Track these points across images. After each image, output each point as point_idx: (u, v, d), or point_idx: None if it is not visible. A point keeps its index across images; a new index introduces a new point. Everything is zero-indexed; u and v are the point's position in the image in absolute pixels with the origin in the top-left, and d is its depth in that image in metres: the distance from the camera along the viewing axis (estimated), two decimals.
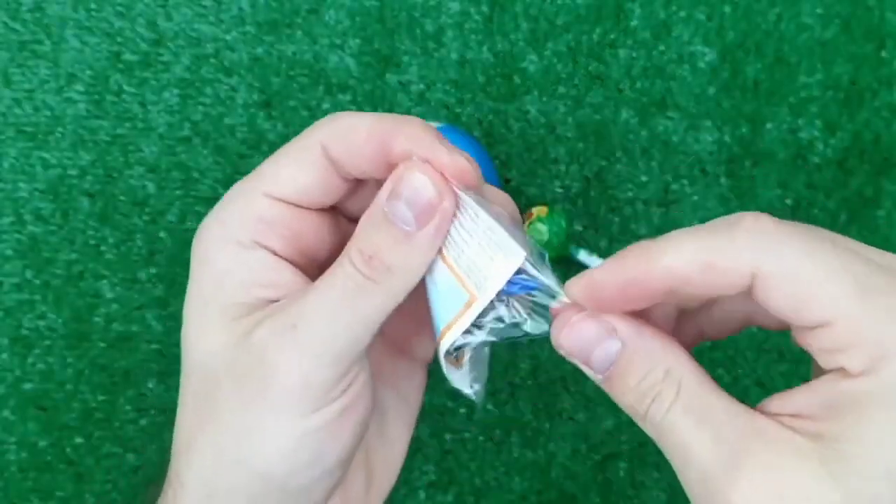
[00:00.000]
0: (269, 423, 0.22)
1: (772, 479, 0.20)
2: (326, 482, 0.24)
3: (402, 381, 0.28)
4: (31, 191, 0.49)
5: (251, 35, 0.49)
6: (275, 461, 0.22)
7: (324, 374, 0.22)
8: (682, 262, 0.21)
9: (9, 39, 0.49)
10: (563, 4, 0.49)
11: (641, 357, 0.22)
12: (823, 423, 0.20)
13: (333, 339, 0.22)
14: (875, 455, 0.19)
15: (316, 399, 0.22)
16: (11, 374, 0.47)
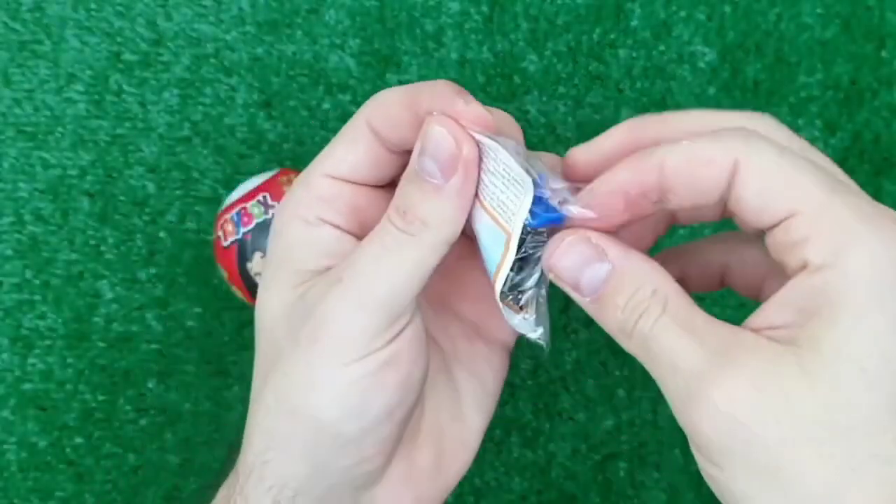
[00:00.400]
0: (318, 372, 0.24)
1: (752, 380, 0.20)
2: (376, 435, 0.25)
3: (480, 365, 0.28)
4: (31, 191, 0.49)
5: (251, 35, 0.49)
6: (323, 408, 0.24)
7: (366, 322, 0.24)
8: (673, 155, 0.22)
9: (9, 39, 0.49)
10: (563, 4, 0.49)
11: (630, 277, 0.23)
12: (798, 329, 0.21)
13: (375, 289, 0.24)
14: (846, 354, 0.20)
15: (359, 347, 0.24)
16: (11, 373, 0.47)
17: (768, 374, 0.20)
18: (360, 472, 0.26)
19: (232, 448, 0.28)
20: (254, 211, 0.42)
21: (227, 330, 0.48)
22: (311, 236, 0.26)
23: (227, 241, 0.42)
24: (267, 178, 0.43)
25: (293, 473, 0.25)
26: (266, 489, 0.25)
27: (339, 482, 0.26)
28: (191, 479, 0.47)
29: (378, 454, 0.25)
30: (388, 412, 0.25)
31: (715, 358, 0.21)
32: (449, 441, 0.28)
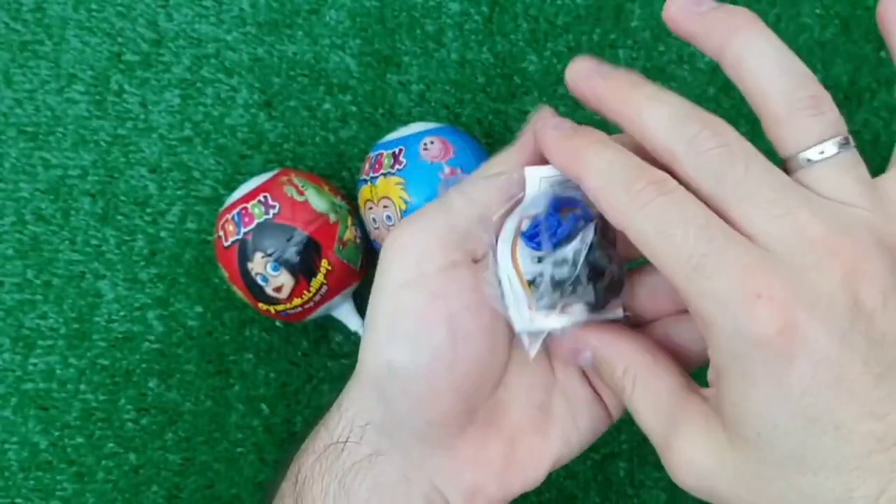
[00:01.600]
0: (381, 295, 0.27)
1: (691, 447, 0.24)
2: (426, 374, 0.26)
3: (580, 405, 0.30)
4: (33, 191, 0.49)
5: (252, 35, 0.49)
6: (379, 330, 0.27)
7: (418, 239, 0.26)
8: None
9: (10, 40, 0.49)
10: (563, 5, 0.49)
11: (606, 361, 0.27)
12: (714, 393, 0.24)
13: (433, 213, 0.27)
14: (744, 421, 0.22)
15: (411, 264, 0.26)
16: (12, 373, 0.48)
17: (701, 441, 0.24)
18: (424, 421, 0.27)
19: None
20: (255, 211, 0.42)
21: (228, 329, 0.48)
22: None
23: (229, 240, 0.42)
24: (268, 178, 0.43)
25: (365, 403, 0.28)
26: (343, 416, 0.28)
27: (403, 423, 0.27)
28: (192, 479, 0.47)
29: (430, 399, 0.27)
30: (436, 353, 0.26)
31: (668, 430, 0.25)
32: (522, 449, 0.29)
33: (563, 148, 0.25)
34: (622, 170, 0.24)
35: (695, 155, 0.23)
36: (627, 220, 0.23)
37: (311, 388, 0.47)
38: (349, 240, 0.44)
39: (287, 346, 0.48)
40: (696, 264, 0.22)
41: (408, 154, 0.42)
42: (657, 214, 0.23)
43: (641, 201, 0.23)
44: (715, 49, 0.26)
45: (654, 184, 0.23)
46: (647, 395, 0.26)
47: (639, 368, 0.27)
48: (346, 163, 0.49)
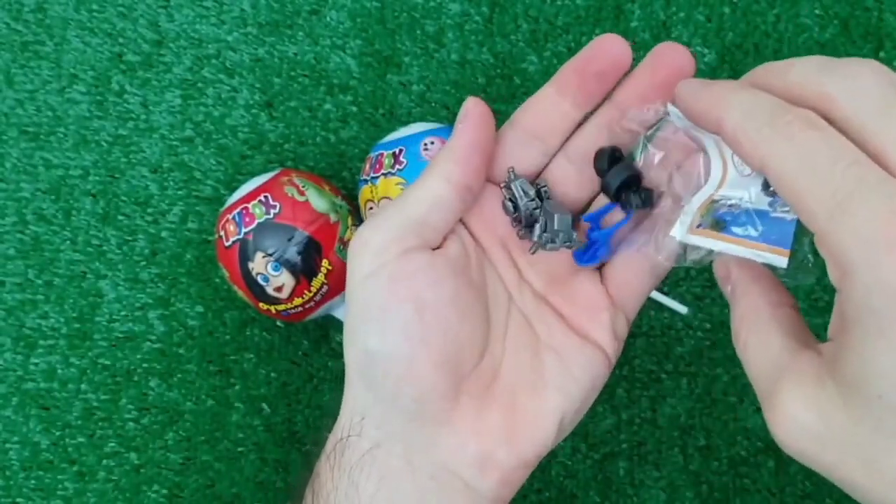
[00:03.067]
0: (349, 289, 0.28)
1: (797, 402, 0.23)
2: (400, 353, 0.27)
3: (571, 355, 0.30)
4: (34, 191, 0.49)
5: (253, 36, 0.49)
6: (352, 321, 0.28)
7: (376, 236, 0.28)
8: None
9: (11, 40, 0.49)
10: (562, 5, 0.49)
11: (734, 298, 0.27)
12: (835, 347, 0.22)
13: (387, 212, 0.28)
14: (866, 379, 0.21)
15: (371, 257, 0.28)
16: (14, 373, 0.48)
17: (811, 399, 0.22)
18: (409, 398, 0.27)
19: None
20: (255, 211, 0.42)
21: (228, 329, 0.48)
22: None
23: (229, 240, 0.42)
24: (268, 178, 0.43)
25: (355, 394, 0.29)
26: (342, 412, 0.29)
27: (392, 406, 0.28)
28: (193, 478, 0.47)
29: (411, 376, 0.27)
30: (405, 330, 0.27)
31: (775, 380, 0.24)
32: (523, 411, 0.29)
33: (704, 95, 0.25)
34: (765, 106, 0.23)
35: (852, 91, 0.22)
36: (769, 151, 0.22)
37: (312, 387, 0.48)
38: (350, 240, 0.44)
39: (288, 346, 0.48)
40: (840, 201, 0.20)
41: (408, 154, 0.42)
42: (804, 146, 0.21)
43: (788, 133, 0.22)
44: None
45: (802, 117, 0.22)
46: (758, 342, 0.25)
47: (758, 313, 0.26)
48: (346, 163, 0.49)
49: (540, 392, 0.29)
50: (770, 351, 0.25)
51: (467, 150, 0.29)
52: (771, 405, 0.23)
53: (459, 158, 0.29)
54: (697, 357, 0.47)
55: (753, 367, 0.25)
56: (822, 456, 0.22)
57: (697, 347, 0.47)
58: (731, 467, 0.47)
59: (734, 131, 0.23)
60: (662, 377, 0.47)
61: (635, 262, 0.31)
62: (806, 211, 0.21)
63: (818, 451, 0.22)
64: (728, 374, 0.47)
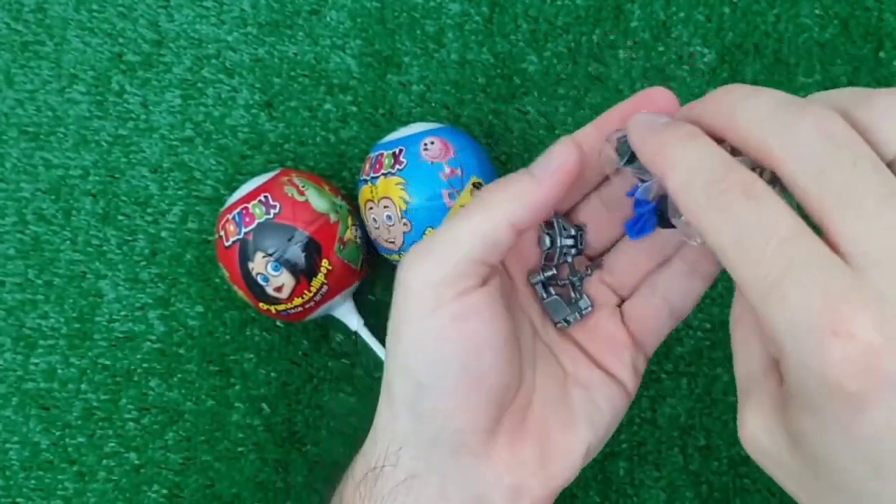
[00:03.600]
0: (403, 324, 0.28)
1: (754, 424, 0.23)
2: (454, 387, 0.27)
3: (596, 390, 0.31)
4: (34, 191, 0.49)
5: (253, 36, 0.49)
6: (407, 355, 0.27)
7: (435, 273, 0.27)
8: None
9: (11, 40, 0.49)
10: (562, 5, 0.49)
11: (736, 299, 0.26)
12: (785, 393, 0.22)
13: (445, 243, 0.27)
14: (805, 440, 0.21)
15: (430, 300, 0.27)
16: (14, 373, 0.48)
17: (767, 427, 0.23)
18: (452, 429, 0.28)
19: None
20: (255, 211, 0.42)
21: (228, 329, 0.48)
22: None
23: (229, 240, 0.42)
24: (268, 178, 0.43)
25: (395, 423, 0.28)
26: (378, 441, 0.29)
27: (434, 437, 0.28)
28: (192, 478, 0.47)
29: (462, 410, 0.28)
30: (462, 366, 0.27)
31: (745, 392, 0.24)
32: (555, 444, 0.30)
33: (649, 142, 0.24)
34: (708, 167, 0.22)
35: (793, 146, 0.20)
36: (704, 223, 0.21)
37: (312, 387, 0.48)
38: (350, 240, 0.44)
39: (288, 346, 0.48)
40: (771, 283, 0.19)
41: (408, 154, 0.42)
42: (736, 221, 0.20)
43: (722, 204, 0.21)
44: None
45: (739, 185, 0.21)
46: (743, 344, 0.25)
47: (743, 313, 0.25)
48: (346, 163, 0.49)
49: (570, 425, 0.30)
50: (750, 359, 0.25)
51: (543, 203, 0.27)
52: (740, 412, 0.24)
53: (532, 208, 0.27)
54: (697, 357, 0.47)
55: (736, 367, 0.26)
56: (775, 472, 0.23)
57: (697, 347, 0.47)
58: (731, 467, 0.47)
59: (675, 193, 0.22)
60: (662, 377, 0.47)
61: (655, 304, 0.31)
62: (742, 287, 0.20)
63: (770, 467, 0.23)
64: (728, 374, 0.47)
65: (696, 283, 0.31)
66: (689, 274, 0.31)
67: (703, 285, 0.31)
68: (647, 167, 0.24)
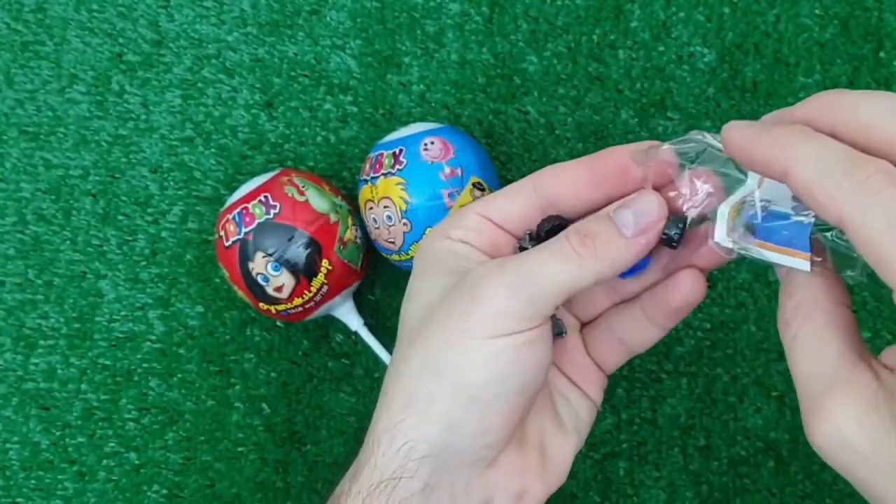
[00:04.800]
0: (466, 339, 0.27)
1: (846, 419, 0.22)
2: (506, 404, 0.28)
3: (575, 403, 0.33)
4: (34, 191, 0.49)
5: (253, 36, 0.49)
6: (469, 371, 0.27)
7: (516, 307, 0.27)
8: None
9: (11, 40, 0.49)
10: (563, 5, 0.49)
11: (784, 289, 0.26)
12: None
13: (534, 280, 0.27)
14: None
15: (506, 326, 0.27)
16: (14, 373, 0.48)
17: (863, 420, 0.22)
18: (483, 444, 0.28)
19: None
20: (255, 211, 0.42)
21: (228, 329, 0.48)
22: (453, 247, 0.31)
23: (229, 240, 0.42)
24: (268, 178, 0.43)
25: (426, 433, 0.28)
26: (396, 450, 0.28)
27: (464, 450, 0.28)
28: (193, 478, 0.47)
29: (502, 426, 0.28)
30: (523, 385, 0.28)
31: (825, 389, 0.23)
32: (551, 448, 0.32)
33: (762, 142, 0.24)
34: (840, 157, 0.22)
35: None
36: (851, 210, 0.21)
37: (312, 387, 0.48)
38: (350, 240, 0.44)
39: (288, 346, 0.48)
40: None
41: (408, 154, 0.42)
42: (889, 206, 0.20)
43: (870, 189, 0.21)
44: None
45: (882, 172, 0.21)
46: (813, 339, 0.25)
47: (816, 306, 0.25)
48: (346, 163, 0.49)
49: (561, 432, 0.32)
50: (825, 353, 0.24)
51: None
52: (816, 411, 0.23)
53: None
54: (697, 357, 0.47)
55: (801, 364, 0.25)
56: (860, 472, 0.23)
57: (697, 347, 0.47)
58: (731, 467, 0.47)
59: (809, 186, 0.22)
60: (662, 377, 0.47)
61: (611, 341, 0.33)
62: (892, 271, 0.21)
63: (857, 468, 0.23)
64: (728, 374, 0.47)
65: (654, 332, 0.32)
66: (647, 324, 0.32)
67: (660, 335, 0.32)
68: (761, 170, 0.24)
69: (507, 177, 0.48)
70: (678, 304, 0.30)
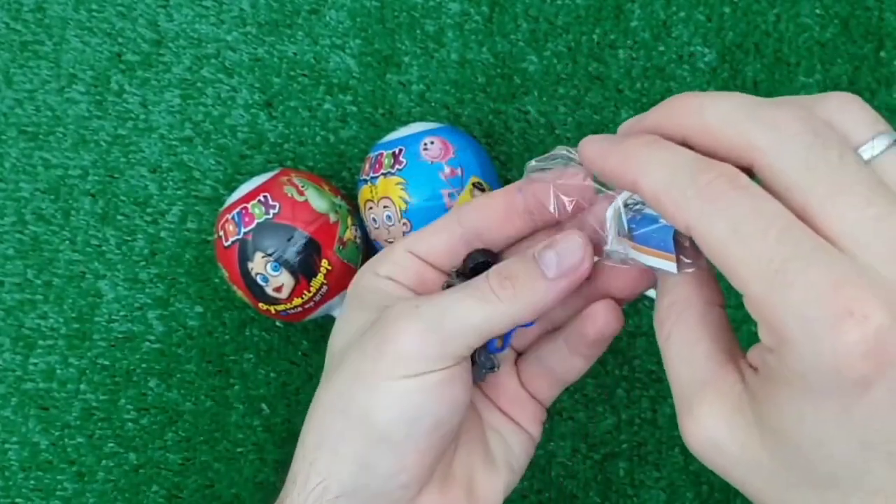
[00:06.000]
0: (376, 379, 0.27)
1: (714, 421, 0.23)
2: (418, 445, 0.28)
3: (509, 436, 0.32)
4: (33, 191, 0.49)
5: (252, 35, 0.49)
6: (379, 410, 0.27)
7: (426, 349, 0.27)
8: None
9: (10, 40, 0.49)
10: (563, 5, 0.49)
11: (668, 284, 0.26)
12: (760, 384, 0.22)
13: (445, 323, 0.27)
14: (786, 429, 0.21)
15: (416, 366, 0.27)
16: (13, 373, 0.48)
17: (729, 422, 0.23)
18: (398, 484, 0.28)
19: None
20: (255, 211, 0.42)
21: (228, 329, 0.48)
22: (379, 284, 0.30)
23: (229, 240, 0.42)
24: (268, 178, 0.43)
25: (338, 472, 0.28)
26: (311, 489, 0.28)
27: (379, 490, 0.28)
28: (192, 478, 0.47)
29: (416, 466, 0.28)
30: (435, 425, 0.28)
31: (695, 391, 0.24)
32: (480, 484, 0.31)
33: (612, 154, 0.24)
34: (685, 164, 0.22)
35: (778, 140, 0.21)
36: (695, 217, 0.21)
37: (312, 387, 0.47)
38: (349, 240, 0.44)
39: (287, 346, 0.48)
40: (776, 270, 0.19)
41: (408, 154, 0.42)
42: (731, 210, 0.20)
43: (712, 195, 0.21)
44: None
45: (724, 176, 0.21)
46: (683, 340, 0.25)
47: (689, 306, 0.25)
48: (346, 163, 0.49)
49: (491, 467, 0.31)
50: (694, 354, 0.24)
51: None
52: (688, 413, 0.24)
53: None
54: None
55: (674, 365, 0.25)
56: (733, 472, 0.23)
57: None
58: None
59: (656, 195, 0.22)
60: (662, 377, 0.47)
61: (542, 372, 0.32)
62: (737, 277, 0.20)
63: (729, 468, 0.23)
64: None
65: (578, 362, 0.32)
66: (570, 353, 0.31)
67: (585, 365, 0.32)
68: (613, 182, 0.24)
69: (506, 177, 0.48)
70: (594, 336, 0.30)
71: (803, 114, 0.21)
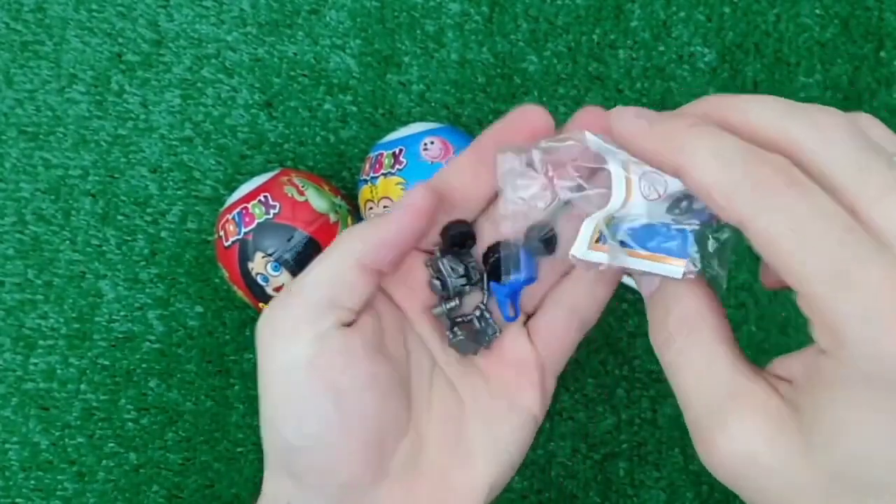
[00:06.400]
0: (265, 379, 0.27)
1: (748, 436, 0.21)
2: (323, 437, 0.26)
3: (497, 421, 0.30)
4: (33, 191, 0.49)
5: (252, 36, 0.49)
6: (274, 412, 0.26)
7: (287, 323, 0.26)
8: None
9: (10, 40, 0.49)
10: (563, 5, 0.49)
11: (661, 301, 0.25)
12: (803, 395, 0.21)
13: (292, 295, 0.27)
14: (839, 439, 0.20)
15: (287, 350, 0.26)
16: (13, 373, 0.48)
17: (766, 437, 0.21)
18: (336, 487, 0.27)
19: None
20: (255, 211, 0.42)
21: (228, 329, 0.48)
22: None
23: (229, 240, 0.42)
24: (268, 178, 0.43)
25: (278, 481, 0.27)
26: (264, 497, 0.27)
27: (319, 493, 0.27)
28: (192, 478, 0.47)
29: (340, 465, 0.27)
30: (325, 422, 0.26)
31: (720, 406, 0.22)
32: (451, 485, 0.29)
33: (653, 136, 0.23)
34: (738, 154, 0.21)
35: (826, 143, 0.20)
36: (751, 213, 0.20)
37: None
38: None
39: None
40: (839, 271, 0.19)
41: (408, 154, 0.42)
42: (791, 207, 0.20)
43: (770, 190, 0.20)
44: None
45: (782, 171, 0.20)
46: (700, 354, 0.24)
47: (699, 320, 0.24)
48: (346, 163, 0.49)
49: (468, 464, 0.29)
50: (716, 369, 0.23)
51: (392, 240, 0.27)
52: (719, 429, 0.22)
53: (380, 246, 0.27)
54: None
55: (689, 382, 0.24)
56: (769, 487, 0.22)
57: None
58: None
59: (704, 186, 0.21)
60: (662, 377, 0.47)
61: (562, 316, 0.30)
62: (795, 275, 0.20)
63: (764, 483, 0.22)
64: None
65: (601, 289, 0.30)
66: (593, 281, 0.30)
67: (607, 292, 0.30)
68: (654, 163, 0.23)
69: None
70: None
71: (847, 120, 0.21)
